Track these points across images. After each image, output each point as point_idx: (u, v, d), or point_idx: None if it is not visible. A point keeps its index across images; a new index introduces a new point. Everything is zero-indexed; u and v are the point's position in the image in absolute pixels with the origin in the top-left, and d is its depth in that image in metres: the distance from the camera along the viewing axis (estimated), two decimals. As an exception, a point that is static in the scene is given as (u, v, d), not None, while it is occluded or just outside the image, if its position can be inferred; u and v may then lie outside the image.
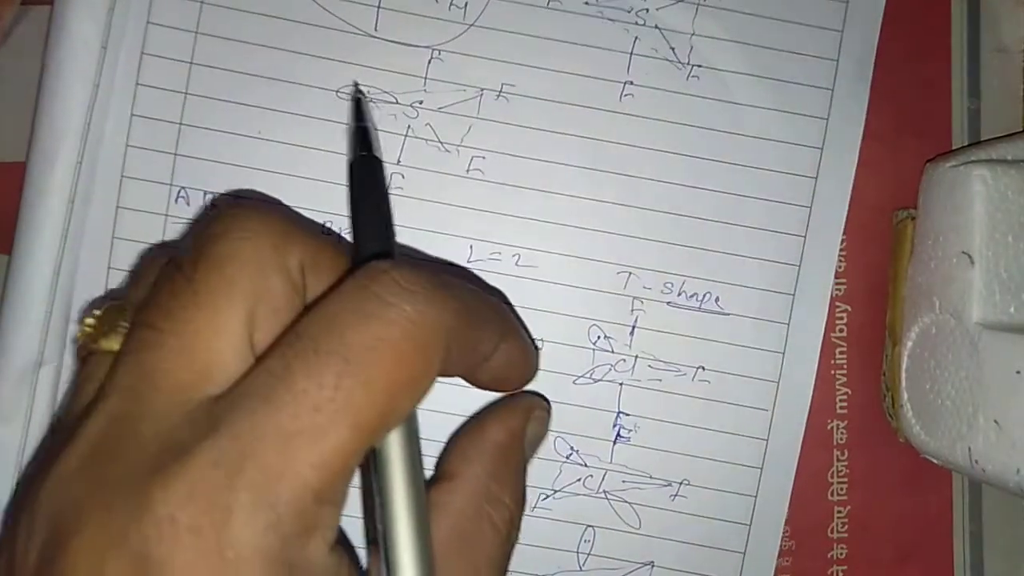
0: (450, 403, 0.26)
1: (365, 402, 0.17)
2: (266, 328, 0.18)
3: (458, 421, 0.26)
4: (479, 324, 0.20)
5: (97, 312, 0.20)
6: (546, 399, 0.26)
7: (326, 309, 0.18)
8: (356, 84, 0.27)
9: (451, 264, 0.28)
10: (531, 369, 0.24)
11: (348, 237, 0.27)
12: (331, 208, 0.27)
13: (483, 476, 0.22)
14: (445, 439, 0.25)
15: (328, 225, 0.27)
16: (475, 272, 0.28)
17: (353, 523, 0.25)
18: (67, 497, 0.17)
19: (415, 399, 0.18)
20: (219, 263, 0.18)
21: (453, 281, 0.20)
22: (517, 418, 0.24)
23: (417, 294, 0.18)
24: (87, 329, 0.20)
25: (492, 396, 0.25)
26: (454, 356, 0.19)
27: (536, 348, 0.27)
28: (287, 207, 0.27)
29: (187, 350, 0.17)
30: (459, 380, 0.22)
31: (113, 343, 0.19)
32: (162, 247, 0.28)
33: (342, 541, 0.18)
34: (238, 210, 0.19)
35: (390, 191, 0.28)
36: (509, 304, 0.28)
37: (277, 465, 0.16)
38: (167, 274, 0.19)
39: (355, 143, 0.25)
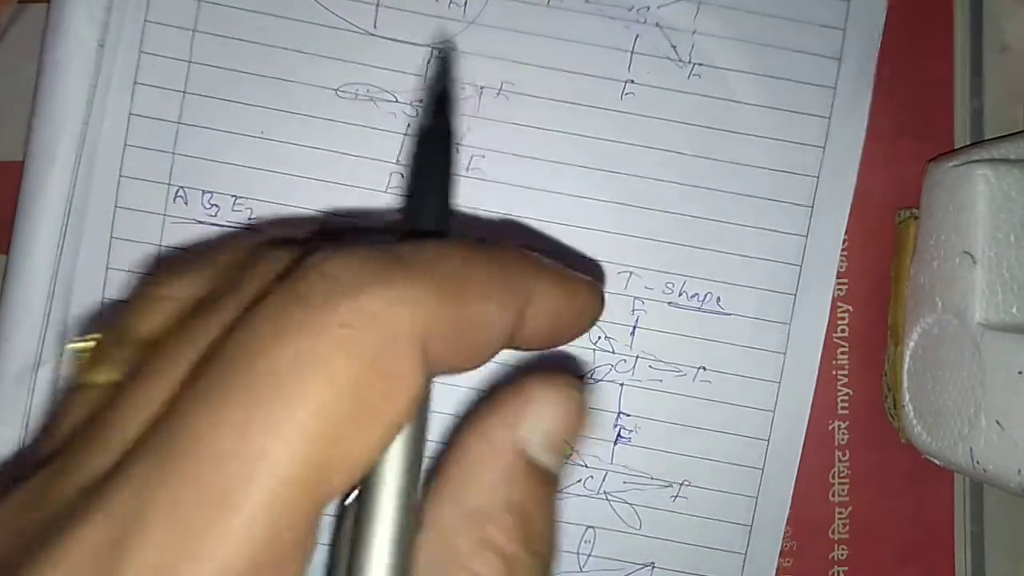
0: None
1: (288, 446, 0.12)
2: None
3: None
4: (480, 293, 0.15)
5: (89, 342, 0.17)
6: (579, 375, 0.24)
7: (241, 326, 0.14)
8: (448, 43, 0.25)
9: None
10: (586, 308, 0.18)
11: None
12: (331, 208, 0.27)
13: (471, 509, 0.16)
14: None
15: (327, 226, 0.27)
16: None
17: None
18: None
19: (383, 428, 0.13)
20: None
21: (425, 250, 0.15)
22: (515, 413, 0.16)
23: (355, 287, 0.13)
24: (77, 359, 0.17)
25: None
26: (448, 349, 0.14)
27: (595, 272, 0.23)
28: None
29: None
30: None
31: (101, 375, 0.16)
32: (155, 270, 0.27)
33: None
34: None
35: (390, 191, 0.27)
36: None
37: (174, 548, 0.12)
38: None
39: (429, 106, 0.22)
